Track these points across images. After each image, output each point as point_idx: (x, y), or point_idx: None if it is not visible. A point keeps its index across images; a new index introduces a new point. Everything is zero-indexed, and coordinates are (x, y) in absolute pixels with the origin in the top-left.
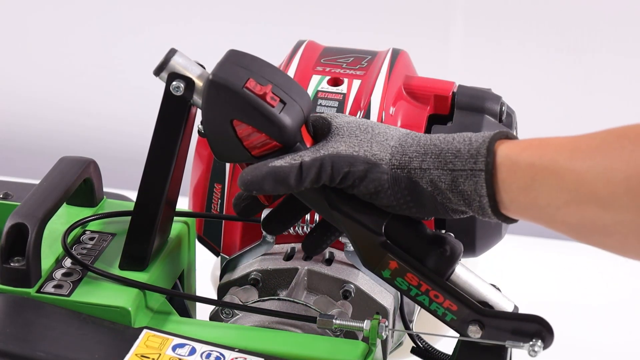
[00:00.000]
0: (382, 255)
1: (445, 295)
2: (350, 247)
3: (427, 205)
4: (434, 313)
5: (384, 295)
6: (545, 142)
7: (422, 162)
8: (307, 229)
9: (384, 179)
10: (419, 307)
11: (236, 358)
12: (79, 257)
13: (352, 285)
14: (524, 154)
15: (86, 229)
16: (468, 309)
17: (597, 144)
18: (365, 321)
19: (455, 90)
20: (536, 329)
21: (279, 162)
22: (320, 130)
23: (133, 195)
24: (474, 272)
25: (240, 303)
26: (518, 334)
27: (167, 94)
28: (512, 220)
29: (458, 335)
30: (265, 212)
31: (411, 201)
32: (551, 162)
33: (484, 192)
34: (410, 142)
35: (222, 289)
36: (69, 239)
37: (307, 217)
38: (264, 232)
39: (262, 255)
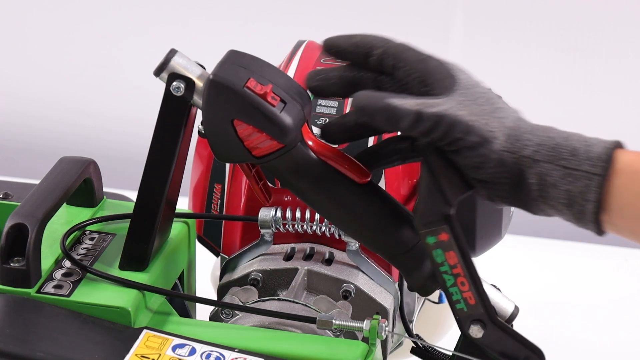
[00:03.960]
0: (440, 224)
1: (472, 287)
2: (352, 247)
3: (521, 194)
4: (448, 295)
5: (384, 295)
6: None
7: (535, 153)
8: (307, 227)
9: (491, 157)
10: (419, 307)
11: (236, 358)
12: (78, 257)
13: (352, 286)
14: None
15: (86, 228)
16: (483, 310)
17: None
18: (365, 321)
19: None
20: (526, 355)
21: (398, 102)
22: (440, 76)
23: (133, 195)
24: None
25: (240, 303)
26: (508, 355)
27: (167, 94)
28: (602, 232)
29: (458, 335)
30: (264, 211)
31: (507, 184)
32: None
33: (592, 196)
34: (526, 129)
35: (222, 289)
36: (68, 240)
37: (308, 215)
38: (262, 231)
39: (261, 254)
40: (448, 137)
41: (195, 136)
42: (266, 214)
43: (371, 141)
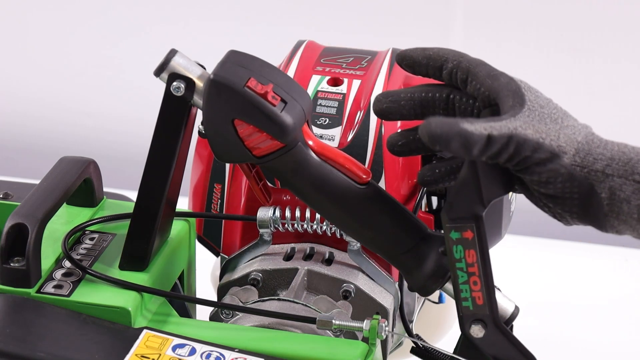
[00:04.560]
0: (468, 222)
1: (484, 289)
2: (354, 247)
3: (591, 211)
4: (456, 291)
5: (384, 295)
6: None
7: (607, 167)
8: (307, 226)
9: (561, 172)
10: (419, 307)
11: (236, 358)
12: (78, 257)
13: (352, 286)
14: None
15: (86, 228)
16: (489, 311)
17: None
18: (365, 321)
19: None
20: None
21: (470, 127)
22: (508, 94)
23: (133, 195)
24: None
25: (240, 303)
26: None
27: (168, 94)
28: None
29: (458, 335)
30: (262, 210)
31: (577, 199)
32: None
33: None
34: (597, 143)
35: (222, 289)
36: (69, 241)
37: (308, 214)
38: (261, 231)
39: (261, 254)
40: (517, 156)
41: (195, 136)
42: (264, 213)
43: (371, 143)
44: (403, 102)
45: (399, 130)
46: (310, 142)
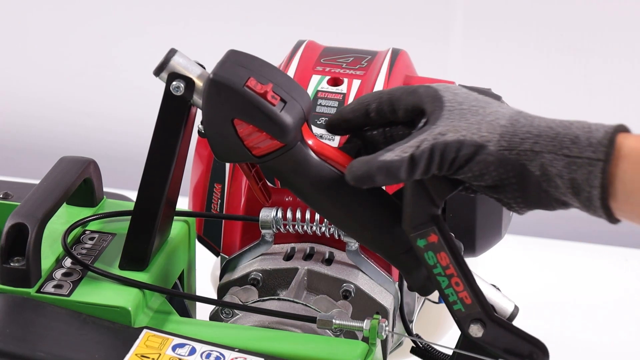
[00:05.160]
0: (428, 226)
1: (467, 287)
2: (352, 247)
3: (531, 191)
4: (445, 297)
5: (384, 295)
6: None
7: (535, 145)
8: (307, 228)
9: (489, 160)
10: (419, 307)
11: (236, 358)
12: (78, 257)
13: (352, 285)
14: None
15: (86, 228)
16: (480, 308)
17: None
18: (365, 321)
19: None
20: (530, 351)
21: (389, 156)
22: (429, 100)
23: (133, 195)
24: (474, 272)
25: (240, 303)
26: (512, 351)
27: (167, 94)
28: (615, 220)
29: (458, 335)
30: (265, 211)
31: (515, 184)
32: None
33: (597, 182)
34: (523, 122)
35: (222, 289)
36: (68, 239)
37: (308, 215)
38: (263, 232)
39: (261, 254)
40: (445, 162)
41: (195, 136)
42: (267, 214)
43: None
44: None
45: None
46: (310, 142)
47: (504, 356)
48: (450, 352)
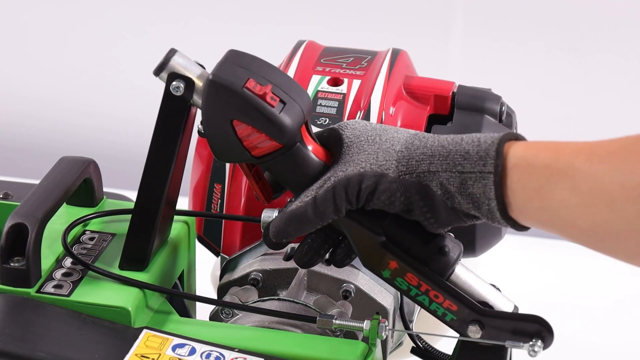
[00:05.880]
0: (382, 255)
1: (445, 295)
2: None
3: (440, 211)
4: (434, 313)
5: (384, 295)
6: (562, 145)
7: (430, 165)
8: None
9: (393, 187)
10: (419, 307)
11: (236, 358)
12: (79, 256)
13: (352, 285)
14: (540, 156)
15: (86, 228)
16: (468, 309)
17: (615, 149)
18: (365, 321)
19: (455, 90)
20: (536, 329)
21: (294, 204)
22: (334, 142)
23: (133, 195)
24: (474, 272)
25: (240, 303)
26: (518, 333)
27: (167, 94)
28: (522, 227)
29: (458, 335)
30: (267, 212)
31: (424, 206)
32: (567, 164)
33: (492, 194)
34: (417, 145)
35: (222, 289)
36: (68, 238)
37: None
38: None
39: (262, 255)
40: (351, 196)
41: (195, 136)
42: (269, 215)
43: None
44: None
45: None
46: (310, 143)
47: (513, 339)
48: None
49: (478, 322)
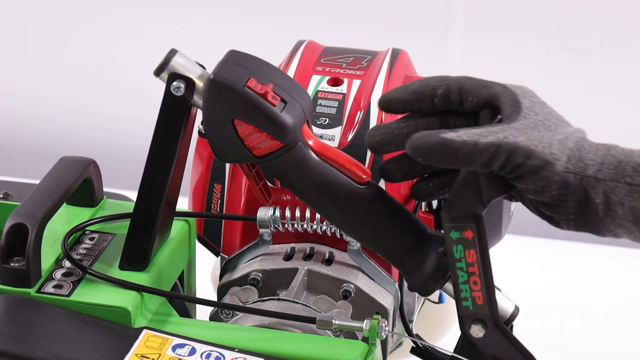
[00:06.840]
0: (468, 222)
1: (484, 289)
2: (354, 247)
3: (587, 215)
4: (456, 291)
5: (384, 295)
6: None
7: (598, 172)
8: (307, 226)
9: (554, 179)
10: (419, 307)
11: (236, 358)
12: (78, 257)
13: (352, 285)
14: None
15: (86, 228)
16: (489, 311)
17: None
18: (365, 321)
19: None
20: None
21: (451, 135)
22: (505, 101)
23: (133, 195)
24: None
25: (240, 303)
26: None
27: (168, 94)
28: None
29: (459, 335)
30: (262, 210)
31: (573, 207)
32: None
33: None
34: (588, 149)
35: (222, 289)
36: (69, 240)
37: (308, 214)
38: (261, 231)
39: (261, 254)
40: (509, 164)
41: (195, 136)
42: (264, 213)
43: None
44: (397, 132)
45: (390, 158)
46: (310, 142)
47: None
48: (449, 353)
49: (483, 323)
